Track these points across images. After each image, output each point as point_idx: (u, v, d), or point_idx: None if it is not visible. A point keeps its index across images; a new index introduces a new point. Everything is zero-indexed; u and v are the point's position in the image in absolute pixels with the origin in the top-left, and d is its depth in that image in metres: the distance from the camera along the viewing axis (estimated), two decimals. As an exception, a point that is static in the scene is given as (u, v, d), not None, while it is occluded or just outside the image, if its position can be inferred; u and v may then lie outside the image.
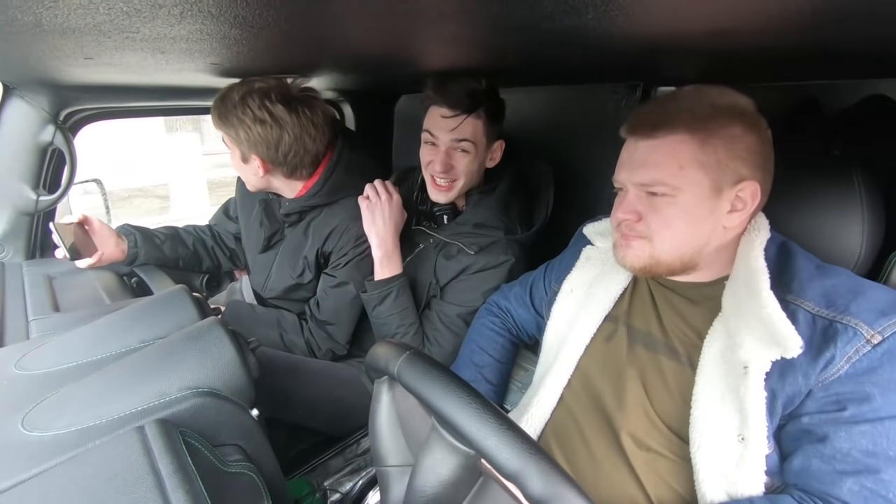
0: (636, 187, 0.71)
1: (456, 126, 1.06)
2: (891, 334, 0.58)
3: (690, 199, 0.67)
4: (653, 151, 0.69)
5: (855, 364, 0.58)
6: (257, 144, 1.08)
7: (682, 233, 0.69)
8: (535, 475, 0.41)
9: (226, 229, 1.45)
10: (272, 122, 1.06)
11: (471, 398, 0.46)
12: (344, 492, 0.86)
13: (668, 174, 0.67)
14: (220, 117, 1.08)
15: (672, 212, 0.68)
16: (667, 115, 0.68)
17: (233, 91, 1.06)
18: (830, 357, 0.59)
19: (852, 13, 0.47)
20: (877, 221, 0.73)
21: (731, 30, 0.56)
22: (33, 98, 1.17)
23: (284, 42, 0.71)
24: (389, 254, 1.14)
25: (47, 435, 0.50)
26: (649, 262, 0.71)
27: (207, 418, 0.55)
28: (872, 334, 0.58)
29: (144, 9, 0.48)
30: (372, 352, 0.57)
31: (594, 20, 0.53)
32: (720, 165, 0.66)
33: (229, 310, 1.25)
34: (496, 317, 1.07)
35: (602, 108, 1.25)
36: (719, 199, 0.67)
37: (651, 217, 0.70)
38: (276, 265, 1.28)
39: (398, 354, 0.53)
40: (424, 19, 0.57)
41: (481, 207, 1.17)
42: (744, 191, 0.67)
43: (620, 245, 0.74)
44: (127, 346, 0.66)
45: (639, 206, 0.71)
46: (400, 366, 0.52)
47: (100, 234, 1.21)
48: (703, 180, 0.67)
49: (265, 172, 1.14)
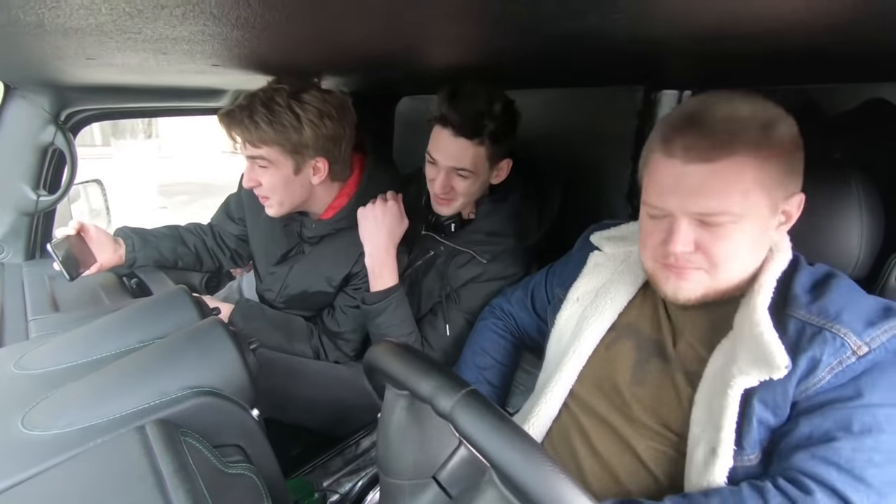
0: (689, 216, 0.63)
1: (457, 153, 1.04)
2: (878, 346, 0.57)
3: (753, 224, 0.62)
4: (710, 177, 0.61)
5: (838, 375, 0.57)
6: (325, 142, 1.03)
7: (745, 259, 0.64)
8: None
9: (227, 230, 1.44)
10: (338, 114, 1.01)
11: (543, 461, 0.41)
12: (343, 492, 0.86)
13: (733, 203, 0.60)
14: (267, 123, 0.98)
15: (736, 239, 0.62)
16: (721, 133, 0.60)
17: (276, 95, 0.98)
18: (814, 363, 0.58)
19: (854, 17, 0.47)
20: (875, 225, 0.73)
21: (734, 34, 0.56)
22: (34, 98, 1.17)
23: (286, 44, 0.71)
24: (382, 263, 1.11)
25: (48, 434, 0.50)
26: (707, 293, 0.66)
27: (208, 418, 0.55)
28: (859, 345, 0.57)
29: (147, 9, 0.48)
30: (402, 369, 0.51)
31: (597, 23, 0.53)
32: (777, 183, 0.62)
33: (238, 308, 1.23)
34: (499, 319, 1.07)
35: (603, 111, 1.25)
36: (774, 217, 0.64)
37: (713, 248, 0.63)
38: (292, 278, 1.25)
39: (453, 391, 0.46)
40: (426, 20, 0.57)
41: (494, 216, 1.17)
42: (791, 203, 0.64)
43: (670, 277, 0.67)
44: (127, 346, 0.65)
45: (695, 236, 0.63)
46: (457, 407, 0.45)
47: (97, 242, 1.18)
48: (764, 202, 0.62)
49: (325, 176, 1.09)
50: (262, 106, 0.99)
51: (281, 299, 1.28)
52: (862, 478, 0.54)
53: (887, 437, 0.55)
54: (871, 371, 0.57)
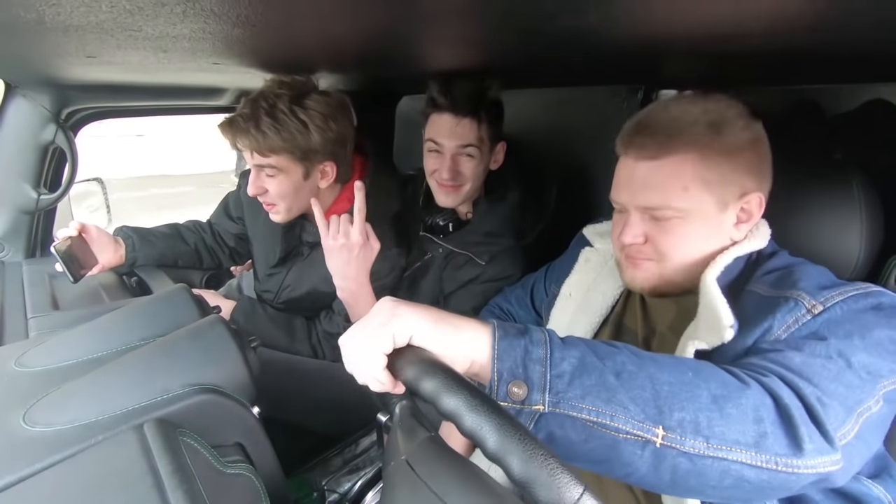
0: (639, 210, 0.68)
1: (460, 132, 1.05)
2: (833, 304, 0.56)
3: (697, 220, 0.66)
4: (654, 173, 0.66)
5: (794, 333, 0.57)
6: (332, 145, 1.03)
7: (691, 252, 0.67)
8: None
9: (226, 228, 1.44)
10: (341, 116, 1.01)
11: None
12: (342, 491, 0.86)
13: (673, 197, 0.65)
14: (270, 130, 0.97)
15: (680, 233, 0.66)
16: (665, 132, 0.65)
17: (278, 100, 0.97)
18: (769, 326, 0.58)
19: (854, 17, 0.47)
20: (875, 226, 0.73)
21: (734, 33, 0.56)
22: (35, 97, 1.17)
23: (287, 41, 0.71)
24: (356, 296, 1.07)
25: (50, 430, 0.50)
26: (659, 282, 0.70)
27: (209, 415, 0.55)
28: (814, 304, 0.57)
29: (147, 7, 0.48)
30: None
31: (596, 21, 0.53)
32: (724, 181, 0.64)
33: (239, 305, 1.23)
34: (497, 317, 1.07)
35: (603, 110, 1.25)
36: (725, 214, 0.66)
37: (659, 239, 0.68)
38: (290, 279, 1.26)
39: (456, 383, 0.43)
40: (426, 19, 0.57)
41: (492, 216, 1.16)
42: (749, 202, 0.66)
43: (627, 267, 0.73)
44: (128, 344, 0.65)
45: (644, 229, 0.69)
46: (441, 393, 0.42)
47: (98, 242, 1.18)
48: (708, 199, 0.65)
49: (333, 179, 1.09)
50: (267, 115, 0.98)
51: (279, 301, 1.28)
52: (810, 378, 0.51)
53: (836, 363, 0.52)
54: (826, 325, 0.55)
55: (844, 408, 0.50)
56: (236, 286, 1.59)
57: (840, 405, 0.50)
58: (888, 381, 0.52)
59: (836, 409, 0.49)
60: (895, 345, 0.53)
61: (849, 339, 0.53)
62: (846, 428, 0.49)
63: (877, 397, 0.51)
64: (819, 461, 0.47)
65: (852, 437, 0.49)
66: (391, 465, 0.49)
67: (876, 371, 0.52)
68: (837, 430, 0.48)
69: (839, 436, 0.48)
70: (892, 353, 0.53)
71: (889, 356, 0.53)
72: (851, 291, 0.57)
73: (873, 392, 0.51)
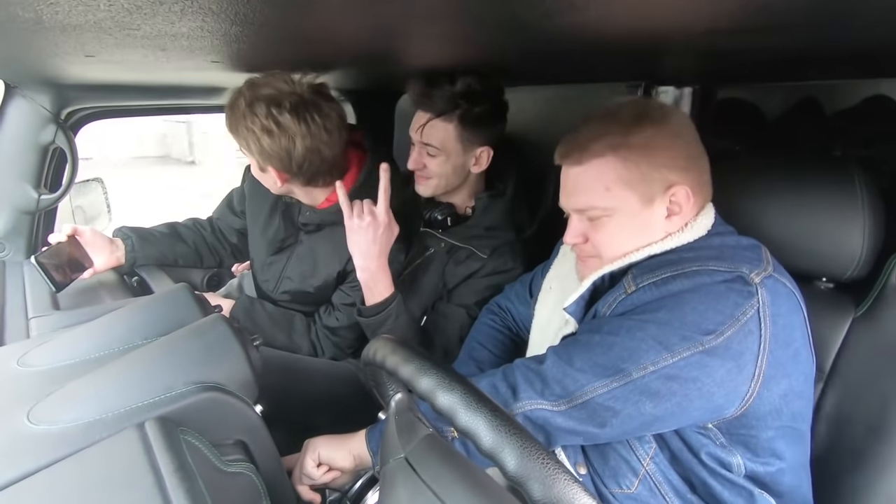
0: (576, 212, 0.75)
1: (428, 130, 1.08)
2: (644, 284, 0.66)
3: (623, 217, 0.70)
4: (580, 177, 0.72)
5: (614, 310, 0.68)
6: (270, 156, 1.03)
7: (623, 247, 0.72)
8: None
9: (228, 224, 1.43)
10: (280, 132, 1.00)
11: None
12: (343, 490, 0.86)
13: (596, 198, 0.70)
14: (231, 127, 1.04)
15: (609, 231, 0.72)
16: (586, 137, 0.71)
17: (240, 98, 1.01)
18: (601, 305, 0.71)
19: (854, 13, 0.47)
20: (877, 223, 0.72)
21: (733, 29, 0.56)
22: (35, 97, 1.17)
23: (285, 39, 0.71)
24: (376, 278, 1.07)
25: (54, 428, 0.50)
26: (605, 276, 0.75)
27: (212, 413, 0.55)
28: (630, 286, 0.67)
29: (145, 5, 0.48)
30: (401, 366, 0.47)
31: (596, 18, 0.53)
32: (644, 178, 0.68)
33: (239, 303, 1.23)
34: (495, 315, 1.08)
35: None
36: (652, 209, 0.70)
37: (594, 238, 0.74)
38: (288, 269, 1.26)
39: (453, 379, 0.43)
40: (426, 17, 0.57)
41: (492, 210, 1.17)
42: (676, 195, 0.69)
43: (578, 263, 0.81)
44: (130, 343, 0.66)
45: (582, 229, 0.75)
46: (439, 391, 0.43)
47: (93, 244, 1.17)
48: (630, 196, 0.69)
49: (283, 182, 1.10)
50: (229, 106, 1.02)
51: (279, 291, 1.28)
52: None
53: (619, 339, 0.64)
54: (636, 304, 0.66)
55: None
56: (237, 286, 1.59)
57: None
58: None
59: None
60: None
61: (643, 313, 0.65)
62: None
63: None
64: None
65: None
66: (390, 462, 0.49)
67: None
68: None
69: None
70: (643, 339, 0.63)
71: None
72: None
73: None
